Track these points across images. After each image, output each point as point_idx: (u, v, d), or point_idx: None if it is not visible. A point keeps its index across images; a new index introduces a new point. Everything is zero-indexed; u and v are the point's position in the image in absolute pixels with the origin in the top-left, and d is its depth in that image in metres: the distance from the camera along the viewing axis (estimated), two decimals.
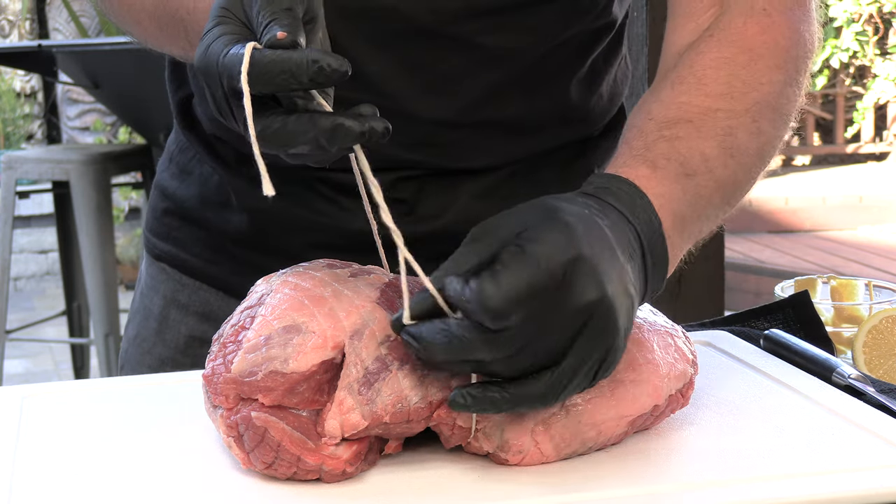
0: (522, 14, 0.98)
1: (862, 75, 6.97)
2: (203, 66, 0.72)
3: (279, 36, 0.68)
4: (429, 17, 0.96)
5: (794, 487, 0.73)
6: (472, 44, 0.98)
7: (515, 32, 0.99)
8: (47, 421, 0.86)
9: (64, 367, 4.38)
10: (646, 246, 0.77)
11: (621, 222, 0.76)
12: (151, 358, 1.13)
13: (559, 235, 0.70)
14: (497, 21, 0.98)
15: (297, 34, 0.69)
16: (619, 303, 0.71)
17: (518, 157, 1.05)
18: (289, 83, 0.68)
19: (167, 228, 1.13)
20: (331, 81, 0.68)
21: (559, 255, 0.69)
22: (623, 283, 0.72)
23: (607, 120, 1.11)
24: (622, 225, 0.76)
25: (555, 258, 0.69)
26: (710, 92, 0.89)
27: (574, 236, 0.70)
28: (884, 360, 1.03)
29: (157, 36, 0.98)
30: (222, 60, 0.70)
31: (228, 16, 0.73)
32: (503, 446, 0.76)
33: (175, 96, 1.13)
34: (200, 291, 1.11)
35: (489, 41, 0.98)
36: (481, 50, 0.98)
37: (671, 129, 0.86)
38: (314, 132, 0.68)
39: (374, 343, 0.75)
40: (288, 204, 1.03)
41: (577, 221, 0.71)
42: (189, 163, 1.11)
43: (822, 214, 5.89)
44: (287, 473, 0.74)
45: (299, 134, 0.69)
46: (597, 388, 0.78)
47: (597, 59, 1.06)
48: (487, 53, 0.99)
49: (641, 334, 0.81)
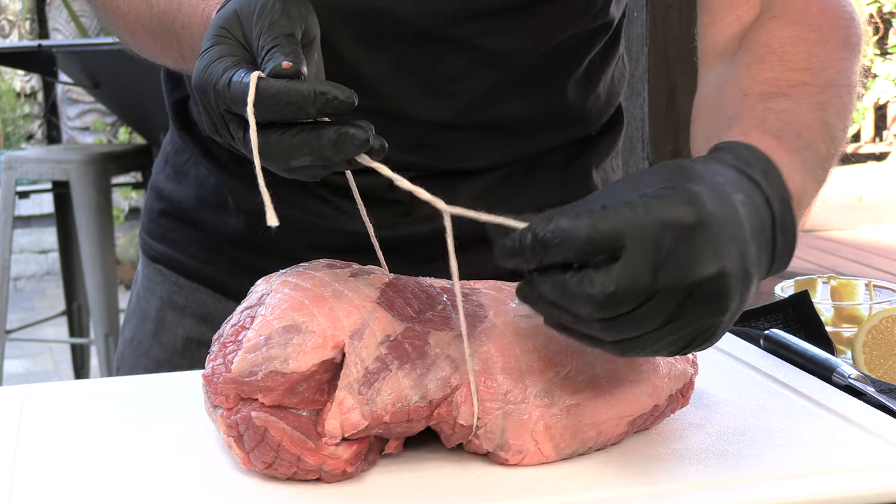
0: (520, 15, 0.98)
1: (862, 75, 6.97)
2: (201, 86, 0.72)
3: (284, 66, 0.69)
4: (425, 20, 0.96)
5: (794, 487, 0.73)
6: (470, 45, 0.98)
7: (513, 34, 0.99)
8: (47, 421, 0.86)
9: (64, 367, 4.38)
10: (778, 222, 0.73)
11: (757, 196, 0.72)
12: (148, 360, 1.13)
13: (686, 207, 0.66)
14: (494, 23, 0.98)
15: (300, 63, 0.69)
16: (734, 281, 0.67)
17: (516, 158, 1.05)
18: (296, 115, 0.68)
19: (163, 230, 1.13)
20: (338, 112, 0.68)
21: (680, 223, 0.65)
22: (743, 262, 0.68)
23: (605, 120, 1.11)
24: (758, 200, 0.72)
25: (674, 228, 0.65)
26: (794, 67, 0.86)
27: (700, 206, 0.66)
28: (884, 360, 1.03)
29: (150, 47, 0.98)
30: (223, 85, 0.70)
31: (227, 36, 0.73)
32: (503, 446, 0.76)
33: (170, 98, 1.13)
34: (197, 293, 1.11)
35: (486, 43, 0.98)
36: (478, 51, 0.98)
37: (774, 102, 0.83)
38: (318, 142, 0.68)
39: (374, 343, 0.75)
40: (284, 205, 1.02)
41: (706, 192, 0.67)
42: (185, 164, 1.11)
43: (822, 214, 5.89)
44: (287, 473, 0.74)
45: (302, 146, 0.69)
46: (597, 388, 0.78)
47: (594, 59, 1.06)
48: (485, 55, 0.99)
49: None
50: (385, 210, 1.01)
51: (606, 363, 0.78)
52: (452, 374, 0.76)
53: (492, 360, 0.77)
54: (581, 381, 0.78)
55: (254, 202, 1.05)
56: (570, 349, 0.78)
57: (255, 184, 0.70)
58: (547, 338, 0.78)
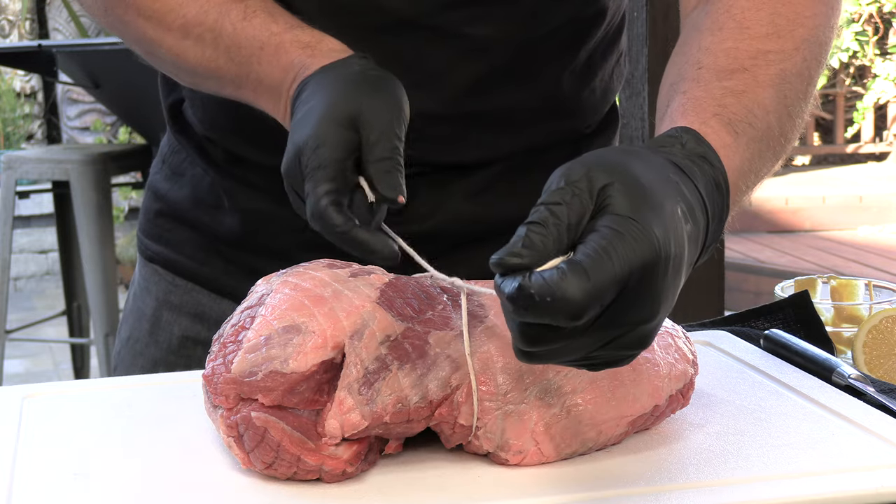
0: (505, 3, 0.98)
1: (862, 75, 6.96)
2: (315, 219, 0.77)
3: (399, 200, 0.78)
4: (410, 10, 0.96)
5: (794, 487, 0.73)
6: (456, 34, 0.98)
7: (500, 21, 0.98)
8: (47, 421, 0.86)
9: (64, 367, 4.38)
10: (710, 212, 0.73)
11: (698, 208, 0.71)
12: (144, 359, 1.13)
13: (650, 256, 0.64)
14: (479, 11, 0.97)
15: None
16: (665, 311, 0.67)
17: (509, 152, 1.05)
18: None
19: (160, 230, 1.13)
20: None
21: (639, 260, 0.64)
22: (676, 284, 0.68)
23: (599, 117, 1.11)
24: (698, 212, 0.71)
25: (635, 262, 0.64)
26: (756, 34, 0.85)
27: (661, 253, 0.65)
28: (884, 360, 1.03)
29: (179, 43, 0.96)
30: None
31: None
32: (503, 446, 0.76)
33: (166, 101, 1.13)
34: (193, 292, 1.11)
35: (473, 31, 0.98)
36: (466, 40, 0.98)
37: (731, 80, 0.83)
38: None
39: (374, 343, 0.75)
40: (279, 204, 1.03)
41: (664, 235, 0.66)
42: (181, 164, 1.11)
43: (822, 214, 5.88)
44: (287, 473, 0.74)
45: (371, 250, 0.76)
46: (597, 388, 0.78)
47: (594, 52, 1.06)
48: (472, 44, 0.98)
49: None
50: None
51: None
52: (453, 374, 0.76)
53: (492, 361, 0.77)
54: (581, 382, 0.78)
55: (248, 202, 1.06)
56: None
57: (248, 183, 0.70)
58: None
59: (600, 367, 0.70)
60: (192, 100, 1.08)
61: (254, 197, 1.05)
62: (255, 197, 1.05)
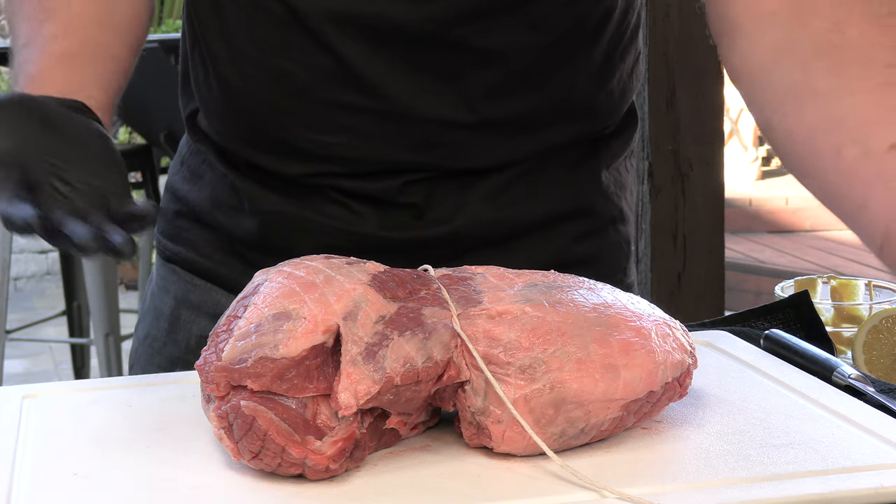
0: (513, 13, 0.98)
1: None
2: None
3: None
4: (419, 24, 0.96)
5: (794, 487, 0.73)
6: (468, 46, 0.98)
7: (510, 31, 0.99)
8: (47, 421, 0.86)
9: (64, 367, 4.38)
10: None
11: None
12: (162, 358, 1.13)
13: None
14: (489, 23, 0.98)
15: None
16: None
17: (526, 155, 1.05)
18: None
19: (178, 230, 1.14)
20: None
21: None
22: None
23: (618, 117, 1.11)
24: None
25: None
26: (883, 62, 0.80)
27: None
28: (884, 360, 1.03)
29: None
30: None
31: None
32: (485, 410, 0.78)
33: (185, 110, 1.14)
34: (211, 293, 1.11)
35: (484, 42, 0.98)
36: (478, 51, 0.98)
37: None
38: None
39: (370, 322, 0.76)
40: (298, 207, 1.04)
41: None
42: (200, 166, 1.12)
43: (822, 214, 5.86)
44: (272, 465, 0.74)
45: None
46: (585, 368, 0.78)
47: (610, 53, 1.05)
48: (484, 53, 0.99)
49: (640, 324, 0.81)
50: (398, 212, 1.02)
51: (600, 347, 0.79)
52: (452, 339, 0.77)
53: (479, 336, 0.78)
54: (568, 361, 0.78)
55: (267, 204, 1.06)
56: (562, 331, 0.78)
57: (268, 186, 0.72)
58: (538, 319, 0.78)
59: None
60: (207, 111, 1.09)
61: (273, 200, 1.05)
62: (273, 200, 1.05)
